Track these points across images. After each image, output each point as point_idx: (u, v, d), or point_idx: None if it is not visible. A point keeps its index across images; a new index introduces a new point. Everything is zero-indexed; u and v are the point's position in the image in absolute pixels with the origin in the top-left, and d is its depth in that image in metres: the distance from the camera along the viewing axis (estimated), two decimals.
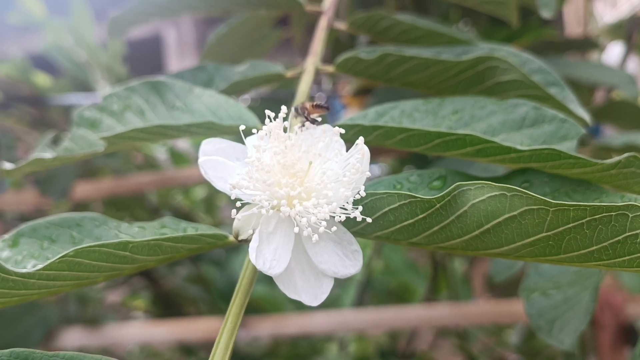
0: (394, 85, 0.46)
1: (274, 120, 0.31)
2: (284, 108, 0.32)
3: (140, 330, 1.36)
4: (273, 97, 1.17)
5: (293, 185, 0.29)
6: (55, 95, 1.39)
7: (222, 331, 0.30)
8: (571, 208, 0.27)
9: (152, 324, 1.40)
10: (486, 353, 1.59)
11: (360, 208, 0.30)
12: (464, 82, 0.43)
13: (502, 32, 1.08)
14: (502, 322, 1.60)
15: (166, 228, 0.35)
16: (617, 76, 0.88)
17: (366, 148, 0.31)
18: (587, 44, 1.03)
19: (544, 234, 0.28)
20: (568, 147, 0.37)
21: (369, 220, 0.30)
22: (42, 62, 1.67)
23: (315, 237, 0.28)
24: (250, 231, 0.30)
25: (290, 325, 1.24)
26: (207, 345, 1.63)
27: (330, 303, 1.70)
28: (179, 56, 4.37)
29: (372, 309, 1.45)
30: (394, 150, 0.99)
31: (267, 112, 0.31)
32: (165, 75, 0.48)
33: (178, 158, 1.54)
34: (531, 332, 1.43)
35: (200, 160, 0.30)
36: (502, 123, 0.39)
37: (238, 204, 0.29)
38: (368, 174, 0.31)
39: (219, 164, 0.30)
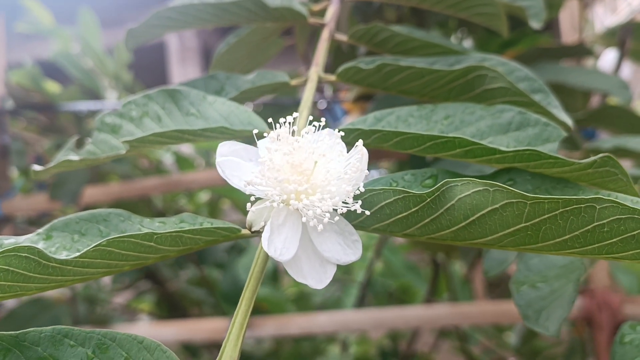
0: (391, 93, 0.49)
1: (283, 125, 0.35)
2: (294, 114, 0.36)
3: (147, 330, 1.39)
4: (276, 103, 1.21)
5: (300, 182, 0.33)
6: (65, 102, 1.43)
7: (237, 312, 0.34)
8: (546, 201, 0.30)
9: (158, 325, 1.44)
10: (486, 355, 1.62)
11: (360, 202, 0.34)
12: (455, 89, 0.47)
13: (498, 39, 1.11)
14: (502, 323, 1.63)
15: (184, 223, 0.39)
16: (610, 82, 0.91)
17: (365, 149, 0.35)
18: (582, 51, 1.07)
19: (523, 225, 0.32)
20: (550, 148, 0.41)
21: (367, 212, 0.34)
22: (50, 70, 1.71)
23: (320, 227, 0.32)
24: (262, 223, 0.34)
25: (292, 325, 1.27)
26: (211, 346, 1.66)
27: (332, 304, 1.73)
28: (181, 63, 4.42)
29: (373, 309, 1.49)
30: (393, 154, 1.03)
31: (281, 119, 0.35)
32: (178, 83, 0.52)
33: (183, 163, 1.58)
34: (530, 334, 1.46)
35: (217, 160, 0.34)
36: (490, 127, 0.43)
37: (252, 198, 0.33)
38: (366, 172, 0.34)
39: (235, 163, 0.34)
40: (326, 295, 1.82)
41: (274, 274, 1.73)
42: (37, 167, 0.46)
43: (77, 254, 0.32)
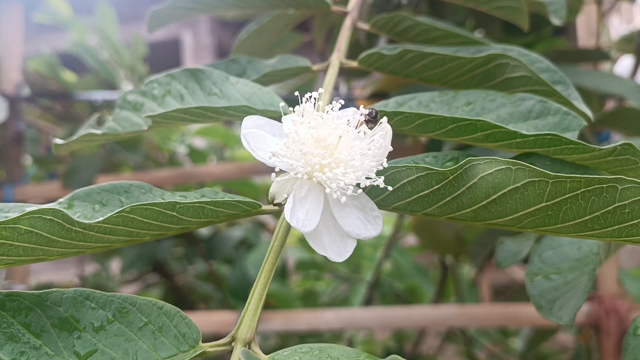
0: (411, 81, 0.50)
1: (308, 100, 0.35)
2: (320, 90, 0.36)
3: None
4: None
5: (324, 156, 0.33)
6: (80, 91, 1.44)
7: (256, 283, 0.34)
8: (568, 180, 0.31)
9: None
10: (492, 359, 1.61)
11: (383, 178, 0.34)
12: (476, 77, 0.47)
13: (516, 41, 1.11)
14: (508, 327, 1.63)
15: (205, 197, 0.39)
16: (626, 86, 0.91)
17: (389, 126, 0.35)
18: (599, 55, 1.07)
19: (544, 204, 0.32)
20: (570, 137, 0.41)
21: (390, 188, 0.34)
22: (67, 61, 1.72)
23: (343, 199, 0.32)
24: (285, 195, 0.34)
25: (300, 320, 1.27)
26: (215, 338, 1.67)
27: (339, 303, 1.74)
28: (195, 59, 4.44)
29: (380, 308, 1.49)
30: (406, 151, 1.03)
31: (307, 93, 0.36)
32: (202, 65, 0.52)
33: (197, 156, 1.58)
34: (536, 339, 1.46)
35: (243, 132, 0.35)
36: (511, 114, 0.43)
37: (277, 169, 0.33)
38: (390, 148, 0.35)
39: (259, 136, 0.35)
40: (334, 294, 1.82)
41: (283, 270, 1.73)
42: (58, 141, 0.47)
43: (101, 218, 0.32)
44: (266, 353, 0.31)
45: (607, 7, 1.25)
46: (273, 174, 0.33)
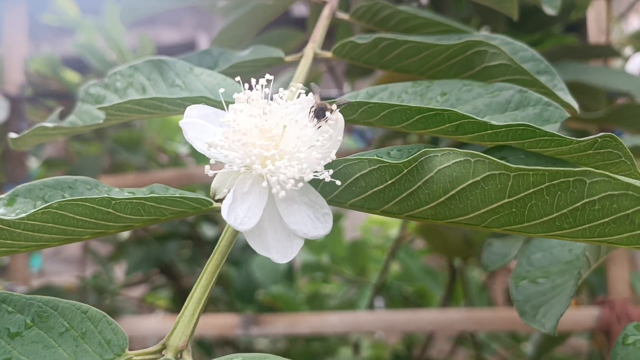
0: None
1: (255, 88, 0.33)
2: (266, 76, 0.33)
3: (157, 324, 1.38)
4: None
5: (268, 147, 0.30)
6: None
7: (196, 286, 0.32)
8: (530, 172, 0.27)
9: (168, 319, 1.42)
10: None
11: (331, 171, 0.31)
12: (454, 67, 0.44)
13: (523, 39, 1.08)
14: (519, 332, 1.58)
15: (154, 193, 0.37)
16: (635, 83, 0.87)
17: (340, 115, 0.32)
18: (608, 52, 1.03)
19: (507, 200, 0.29)
20: (550, 129, 0.38)
21: (338, 183, 0.31)
22: (75, 65, 1.71)
23: (282, 193, 0.29)
24: (226, 191, 0.31)
25: (303, 324, 1.25)
26: (225, 344, 1.65)
27: (347, 307, 1.71)
28: None
29: (385, 311, 1.46)
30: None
31: (252, 80, 0.33)
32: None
33: (200, 156, 1.56)
34: (547, 344, 1.41)
35: (181, 122, 0.32)
36: (487, 105, 0.40)
37: (212, 161, 0.31)
38: (340, 139, 0.32)
39: (199, 126, 0.32)
40: (345, 297, 1.79)
41: (290, 273, 1.71)
42: (13, 135, 0.45)
43: (24, 215, 0.30)
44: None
45: (626, 6, 1.21)
46: (206, 167, 0.30)
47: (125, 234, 1.61)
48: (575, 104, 0.43)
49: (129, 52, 1.60)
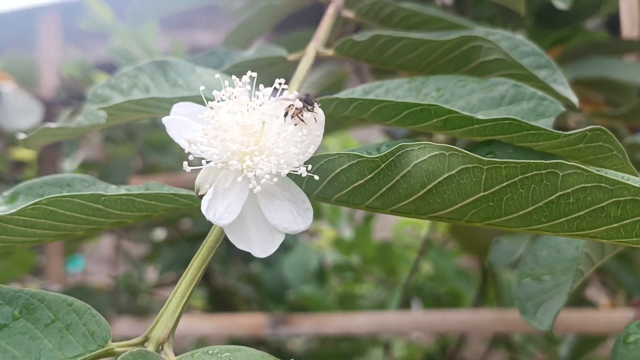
0: (388, 68, 0.47)
1: (239, 85, 0.33)
2: (249, 73, 0.34)
3: (188, 323, 1.40)
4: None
5: (248, 144, 0.31)
6: None
7: (180, 281, 0.32)
8: (503, 165, 0.27)
9: (199, 318, 1.45)
10: None
11: (310, 166, 0.31)
12: (452, 62, 0.44)
13: (551, 35, 1.06)
14: (553, 333, 1.55)
15: (148, 190, 0.38)
16: None
17: (320, 111, 0.32)
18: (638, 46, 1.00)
19: (482, 194, 0.29)
20: (545, 124, 0.37)
21: (316, 177, 0.31)
22: (110, 70, 1.75)
23: (258, 188, 0.30)
24: (207, 186, 0.32)
25: (331, 324, 1.25)
26: (258, 343, 1.66)
27: (377, 307, 1.70)
28: None
29: (414, 312, 1.45)
30: None
31: (234, 77, 0.33)
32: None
33: None
34: (582, 346, 1.39)
35: (163, 119, 0.33)
36: (482, 101, 0.39)
37: (191, 157, 0.31)
38: (319, 134, 0.32)
39: (183, 123, 0.33)
40: (379, 298, 1.79)
41: (321, 273, 1.71)
42: (22, 135, 0.46)
43: (14, 210, 0.31)
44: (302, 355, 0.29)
45: None
46: (185, 163, 0.31)
47: (160, 235, 1.64)
48: (575, 99, 0.42)
49: (159, 55, 1.63)
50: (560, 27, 1.06)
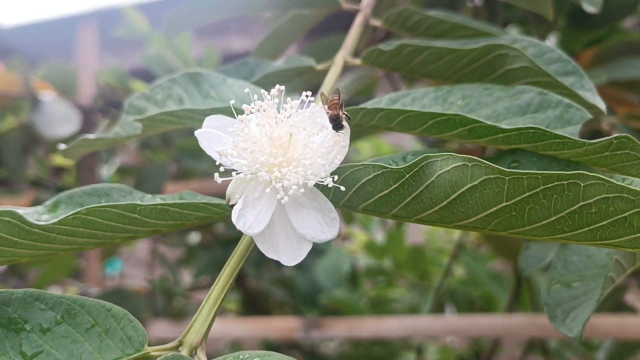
0: (415, 77, 0.47)
1: (267, 98, 0.34)
2: (277, 87, 0.35)
3: (222, 326, 1.42)
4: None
5: (276, 155, 0.32)
6: None
7: (214, 287, 0.34)
8: (524, 176, 0.28)
9: (233, 321, 1.46)
10: None
11: (336, 177, 0.32)
12: (477, 71, 0.44)
13: (585, 36, 1.05)
14: (591, 339, 1.53)
15: (182, 199, 0.39)
16: None
17: (346, 123, 0.33)
18: None
19: (505, 204, 0.29)
20: (571, 131, 0.38)
21: (342, 188, 0.32)
22: (145, 77, 1.79)
23: (285, 199, 0.31)
24: (238, 196, 0.33)
25: (363, 328, 1.25)
26: (291, 347, 1.67)
27: (410, 311, 1.70)
28: None
29: (447, 316, 1.44)
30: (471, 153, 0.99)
31: (262, 91, 0.34)
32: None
33: None
34: (619, 352, 1.36)
35: (196, 132, 0.34)
36: (507, 109, 0.40)
37: (222, 169, 0.33)
38: (345, 145, 0.33)
39: (214, 135, 0.34)
40: (412, 302, 1.79)
41: (353, 277, 1.72)
42: (62, 146, 0.48)
43: (56, 220, 0.32)
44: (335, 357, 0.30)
45: None
46: (216, 174, 0.32)
47: (195, 239, 1.67)
48: (602, 106, 0.42)
49: (193, 62, 1.65)
50: (594, 28, 1.05)
